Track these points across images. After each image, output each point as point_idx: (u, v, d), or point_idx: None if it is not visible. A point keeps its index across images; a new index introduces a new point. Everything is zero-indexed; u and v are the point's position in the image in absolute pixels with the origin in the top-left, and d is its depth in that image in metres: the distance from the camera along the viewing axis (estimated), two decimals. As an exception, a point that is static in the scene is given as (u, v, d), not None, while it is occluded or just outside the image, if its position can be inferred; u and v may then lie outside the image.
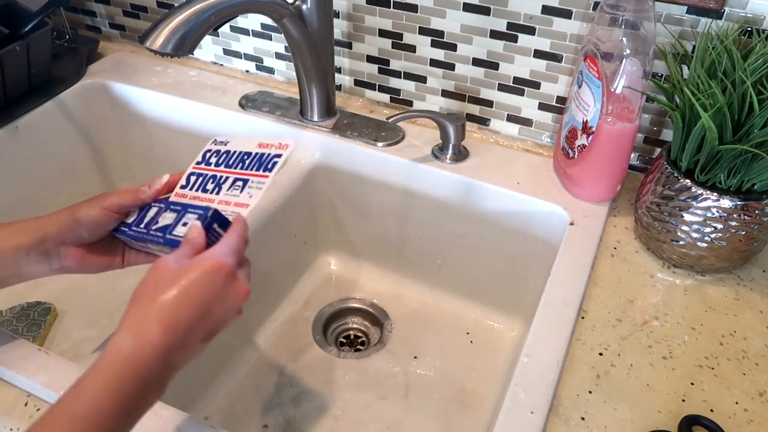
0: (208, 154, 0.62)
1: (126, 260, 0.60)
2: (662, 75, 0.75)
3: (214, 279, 0.48)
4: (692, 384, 0.58)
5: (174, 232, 0.55)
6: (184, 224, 0.55)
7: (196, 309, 0.46)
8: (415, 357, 0.84)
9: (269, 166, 0.59)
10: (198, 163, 0.62)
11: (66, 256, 0.56)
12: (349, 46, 0.91)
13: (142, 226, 0.57)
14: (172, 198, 0.59)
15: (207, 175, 0.61)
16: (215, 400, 0.77)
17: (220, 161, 0.62)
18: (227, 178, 0.60)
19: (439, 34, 0.84)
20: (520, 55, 0.81)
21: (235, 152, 0.61)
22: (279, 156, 0.59)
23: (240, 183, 0.59)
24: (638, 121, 0.70)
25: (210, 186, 0.60)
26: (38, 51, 0.90)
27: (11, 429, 0.54)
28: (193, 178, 0.61)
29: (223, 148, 0.62)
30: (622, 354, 0.61)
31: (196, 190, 0.60)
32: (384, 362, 0.83)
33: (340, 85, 0.95)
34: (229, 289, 0.48)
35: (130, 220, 0.58)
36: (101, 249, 0.58)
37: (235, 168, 0.60)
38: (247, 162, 0.60)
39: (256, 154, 0.60)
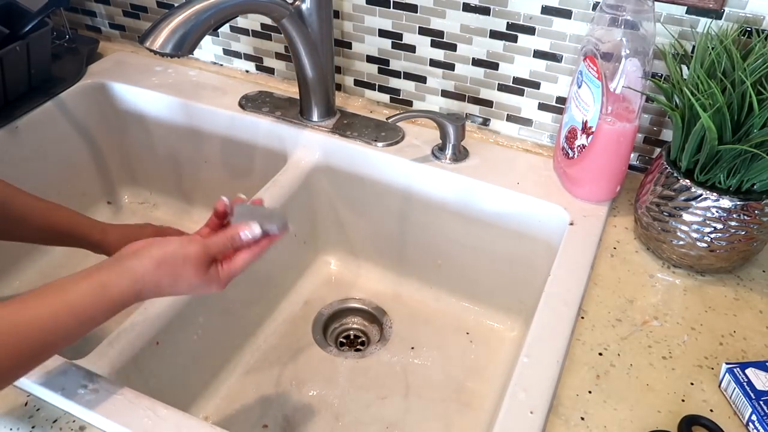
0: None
1: None
2: (662, 75, 0.75)
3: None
4: (692, 384, 0.58)
5: None
6: None
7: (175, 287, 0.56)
8: (415, 357, 0.84)
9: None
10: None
11: None
12: (349, 46, 0.91)
13: None
14: None
15: None
16: (215, 400, 0.77)
17: None
18: None
19: (439, 34, 0.84)
20: (520, 55, 0.81)
21: None
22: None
23: None
24: (638, 121, 0.70)
25: None
26: (38, 51, 0.90)
27: (11, 429, 0.54)
28: None
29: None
30: (622, 354, 0.61)
31: None
32: (384, 362, 0.83)
33: (340, 85, 0.95)
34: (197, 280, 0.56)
35: None
36: None
37: None
38: None
39: None
